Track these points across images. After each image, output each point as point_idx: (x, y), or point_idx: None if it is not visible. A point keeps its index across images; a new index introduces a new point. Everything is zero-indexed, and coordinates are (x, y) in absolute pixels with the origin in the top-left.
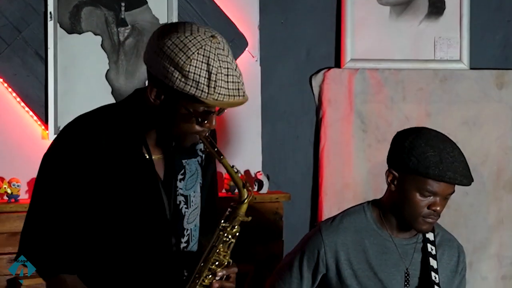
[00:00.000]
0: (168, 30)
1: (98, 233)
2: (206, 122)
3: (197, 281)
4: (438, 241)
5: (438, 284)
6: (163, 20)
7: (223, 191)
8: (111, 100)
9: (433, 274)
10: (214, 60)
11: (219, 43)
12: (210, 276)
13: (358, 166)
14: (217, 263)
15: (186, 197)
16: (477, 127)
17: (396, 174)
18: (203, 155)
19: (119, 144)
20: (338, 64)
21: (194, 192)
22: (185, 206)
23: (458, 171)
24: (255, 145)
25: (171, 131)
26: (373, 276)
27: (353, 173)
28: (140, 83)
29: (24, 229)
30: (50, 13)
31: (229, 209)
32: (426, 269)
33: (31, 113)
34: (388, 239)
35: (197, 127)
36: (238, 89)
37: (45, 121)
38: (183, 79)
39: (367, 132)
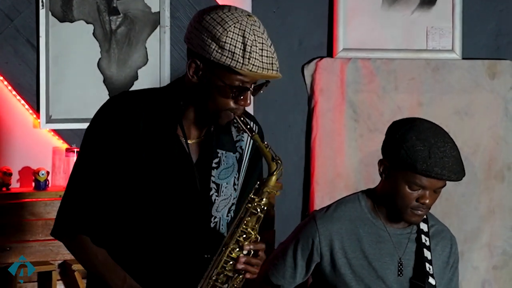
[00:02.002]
0: (209, 9)
1: (130, 210)
2: (241, 98)
3: (224, 253)
4: (432, 232)
5: (432, 275)
6: (155, 8)
7: None
8: (103, 88)
9: (427, 265)
10: (249, 33)
11: (255, 21)
12: (237, 249)
13: (350, 156)
14: (244, 235)
15: (218, 185)
16: (469, 117)
17: (388, 164)
18: (243, 152)
19: (157, 124)
20: (330, 53)
21: (227, 183)
22: (216, 194)
23: (446, 167)
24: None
25: (207, 107)
26: (367, 265)
27: (345, 162)
28: (132, 72)
29: (63, 201)
30: (42, 1)
31: (258, 182)
32: (420, 259)
33: (22, 101)
34: (382, 228)
35: (232, 103)
36: (272, 63)
37: (36, 110)
38: (219, 50)
39: (359, 122)
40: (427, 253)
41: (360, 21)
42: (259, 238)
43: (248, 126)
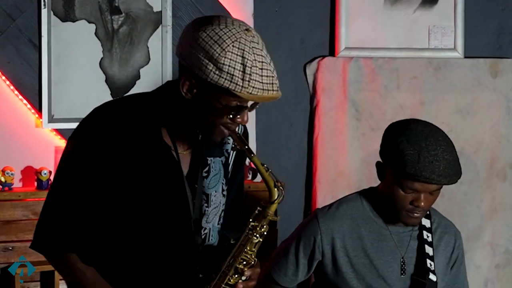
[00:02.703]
0: (202, 22)
1: (117, 225)
2: (238, 117)
3: (223, 279)
4: (434, 228)
5: (433, 272)
6: (157, 8)
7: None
8: (105, 88)
9: (428, 261)
10: (249, 53)
11: (254, 36)
12: (236, 276)
13: (352, 155)
14: (244, 262)
15: (207, 195)
16: (471, 116)
17: (383, 167)
18: (229, 156)
19: (145, 136)
20: (332, 52)
21: (215, 191)
22: (206, 204)
23: (435, 171)
24: (249, 133)
25: (202, 125)
26: (369, 263)
27: (347, 161)
28: (134, 71)
29: (43, 214)
30: (44, 1)
31: (258, 208)
32: (421, 256)
33: (24, 101)
34: (384, 227)
35: (228, 121)
36: (272, 83)
37: (38, 109)
38: (217, 72)
39: (361, 121)
40: (428, 249)
41: (362, 20)
42: (256, 260)
43: (246, 147)
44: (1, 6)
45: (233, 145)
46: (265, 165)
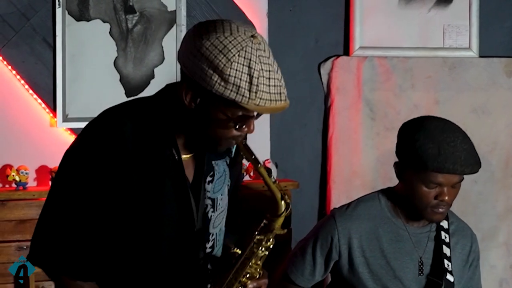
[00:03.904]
0: (205, 29)
1: (120, 236)
2: (244, 127)
3: None
4: (452, 230)
5: (450, 272)
6: (171, 7)
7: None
8: (119, 87)
9: (446, 261)
10: (256, 62)
11: (260, 43)
12: None
13: (367, 154)
14: (248, 275)
15: (213, 200)
16: (486, 115)
17: (402, 166)
18: (232, 154)
19: (147, 143)
20: (346, 52)
21: (221, 195)
22: (212, 209)
23: (458, 161)
24: (263, 133)
25: (206, 135)
26: (386, 264)
27: (362, 161)
28: (148, 71)
29: (38, 230)
30: (59, 0)
31: (264, 221)
32: (439, 256)
33: (39, 100)
34: (402, 227)
35: (234, 132)
36: (280, 93)
37: (53, 109)
38: (222, 83)
39: (376, 120)
40: (446, 250)
41: (377, 19)
42: (261, 273)
43: (253, 157)
44: (16, 6)
45: (240, 155)
46: (272, 177)
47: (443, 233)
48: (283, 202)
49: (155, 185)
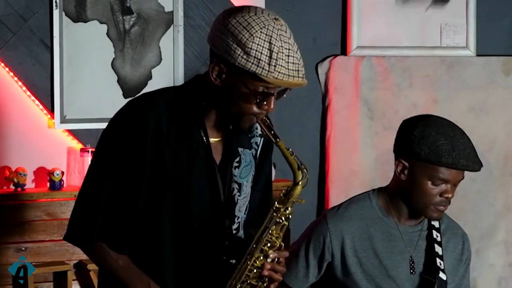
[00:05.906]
0: (234, 10)
1: (151, 211)
2: (265, 103)
3: (249, 261)
4: (443, 229)
5: (443, 270)
6: (168, 8)
7: None
8: (117, 88)
9: (438, 260)
10: (276, 39)
11: (282, 25)
12: (262, 257)
13: (365, 154)
14: (269, 244)
15: (239, 184)
16: (484, 114)
17: (406, 163)
18: (258, 148)
19: (178, 125)
20: (344, 51)
21: (246, 182)
22: (238, 193)
23: (469, 158)
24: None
25: (230, 111)
26: (378, 264)
27: (360, 160)
28: (145, 71)
29: (78, 203)
30: (56, 1)
31: (283, 191)
32: (431, 255)
33: (37, 102)
34: (394, 226)
35: (256, 108)
36: (298, 70)
37: (51, 110)
38: (244, 56)
39: (374, 120)
40: (438, 249)
41: (374, 19)
42: (283, 245)
43: (272, 132)
44: (13, 7)
45: (260, 132)
46: (289, 149)
47: (434, 232)
48: (299, 171)
49: (186, 163)
